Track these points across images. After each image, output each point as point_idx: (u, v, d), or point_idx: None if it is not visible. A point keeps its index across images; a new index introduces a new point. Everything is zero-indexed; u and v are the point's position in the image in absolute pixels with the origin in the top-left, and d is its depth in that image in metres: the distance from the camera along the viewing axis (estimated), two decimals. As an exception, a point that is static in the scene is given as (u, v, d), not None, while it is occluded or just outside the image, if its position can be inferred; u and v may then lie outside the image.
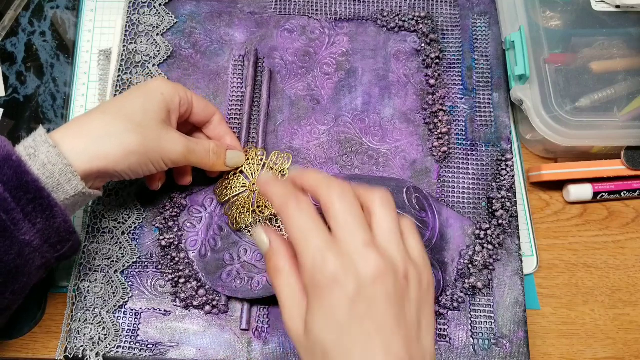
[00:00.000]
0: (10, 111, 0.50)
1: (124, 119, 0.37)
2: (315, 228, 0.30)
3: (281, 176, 0.42)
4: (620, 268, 0.48)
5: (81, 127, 0.37)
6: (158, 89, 0.39)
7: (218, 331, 0.42)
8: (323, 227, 0.30)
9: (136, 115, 0.38)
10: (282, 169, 0.42)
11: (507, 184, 0.46)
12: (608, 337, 0.46)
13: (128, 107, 0.38)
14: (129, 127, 0.37)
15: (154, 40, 0.50)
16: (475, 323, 0.43)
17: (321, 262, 0.28)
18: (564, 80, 0.48)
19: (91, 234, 0.44)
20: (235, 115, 0.48)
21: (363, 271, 0.28)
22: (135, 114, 0.38)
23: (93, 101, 0.51)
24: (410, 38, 0.52)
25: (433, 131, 0.48)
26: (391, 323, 0.28)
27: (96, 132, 0.36)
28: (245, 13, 0.52)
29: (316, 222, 0.30)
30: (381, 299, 0.28)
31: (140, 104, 0.38)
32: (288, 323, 0.30)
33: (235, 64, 0.50)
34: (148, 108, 0.38)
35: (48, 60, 0.52)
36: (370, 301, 0.28)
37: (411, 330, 0.29)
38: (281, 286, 0.31)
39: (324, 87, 0.50)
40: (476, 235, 0.45)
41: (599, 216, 0.50)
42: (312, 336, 0.29)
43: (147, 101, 0.39)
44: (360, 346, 0.28)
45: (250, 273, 0.42)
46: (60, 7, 0.54)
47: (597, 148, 0.49)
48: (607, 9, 0.51)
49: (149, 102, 0.39)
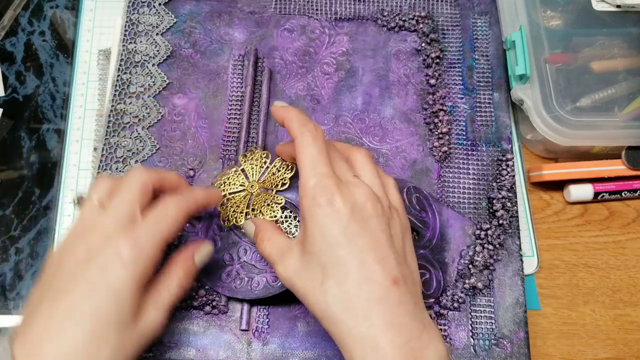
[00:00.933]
0: (9, 111, 0.50)
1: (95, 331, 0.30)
2: (324, 159, 0.33)
3: (281, 185, 0.41)
4: (621, 268, 0.48)
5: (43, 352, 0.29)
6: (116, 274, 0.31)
7: (218, 331, 0.42)
8: (329, 161, 0.33)
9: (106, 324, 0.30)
10: (284, 177, 0.42)
11: (508, 184, 0.46)
12: (609, 338, 0.46)
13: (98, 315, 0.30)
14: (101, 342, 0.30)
15: (154, 40, 0.50)
16: (475, 323, 0.43)
17: (322, 185, 0.32)
18: (564, 80, 0.48)
19: (91, 234, 0.43)
20: (235, 115, 0.48)
21: (357, 195, 0.32)
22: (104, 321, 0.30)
23: (92, 101, 0.51)
24: (410, 38, 0.51)
25: (433, 131, 0.48)
26: (384, 241, 0.31)
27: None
28: (245, 12, 0.52)
29: (325, 154, 0.33)
30: (374, 219, 0.32)
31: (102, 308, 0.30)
32: (285, 274, 0.33)
33: (235, 64, 0.50)
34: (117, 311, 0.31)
35: (47, 60, 0.52)
36: (364, 221, 0.31)
37: (399, 252, 0.32)
38: (269, 250, 0.35)
39: (324, 87, 0.50)
40: (476, 236, 0.45)
41: (600, 216, 0.50)
42: (310, 257, 0.32)
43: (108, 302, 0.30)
44: (358, 259, 0.30)
45: (250, 273, 0.42)
46: (59, 6, 0.54)
47: (597, 148, 0.49)
48: (607, 9, 0.50)
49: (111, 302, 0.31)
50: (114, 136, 0.46)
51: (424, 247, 0.43)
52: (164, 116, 0.48)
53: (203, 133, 0.47)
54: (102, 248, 0.31)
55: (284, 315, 0.42)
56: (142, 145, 0.46)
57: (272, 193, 0.42)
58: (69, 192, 0.47)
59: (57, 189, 0.47)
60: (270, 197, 0.41)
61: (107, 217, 0.32)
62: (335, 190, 0.31)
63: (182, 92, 0.49)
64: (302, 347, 0.42)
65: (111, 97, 0.48)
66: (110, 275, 0.30)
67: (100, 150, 0.46)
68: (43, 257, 0.45)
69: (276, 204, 0.41)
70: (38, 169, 0.48)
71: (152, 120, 0.47)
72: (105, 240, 0.31)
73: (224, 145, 0.47)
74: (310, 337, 0.42)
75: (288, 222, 0.43)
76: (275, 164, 0.42)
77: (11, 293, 0.44)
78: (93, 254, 0.31)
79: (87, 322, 0.30)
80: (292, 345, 0.42)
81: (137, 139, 0.47)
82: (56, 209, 0.47)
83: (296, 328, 0.42)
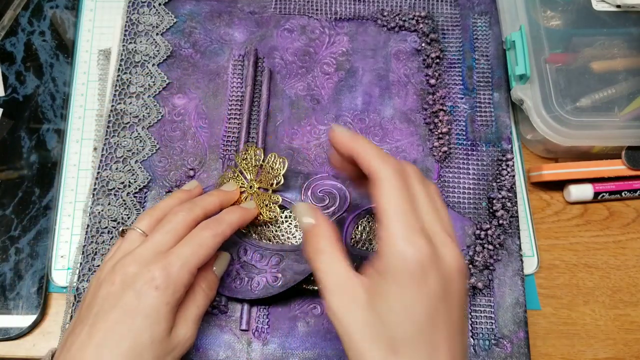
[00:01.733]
0: (9, 111, 0.50)
1: (132, 354, 0.31)
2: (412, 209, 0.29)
3: (276, 183, 0.41)
4: (621, 268, 0.48)
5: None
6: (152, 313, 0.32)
7: (218, 332, 0.42)
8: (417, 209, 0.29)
9: (142, 345, 0.32)
10: (277, 174, 0.42)
11: (508, 184, 0.46)
12: (609, 338, 0.46)
13: (134, 338, 0.32)
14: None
15: (154, 40, 0.50)
16: (475, 323, 0.43)
17: (418, 254, 0.27)
18: (564, 80, 0.48)
19: (90, 235, 0.43)
20: (235, 115, 0.48)
21: (448, 266, 0.28)
22: (141, 343, 0.32)
23: (92, 101, 0.51)
24: (410, 38, 0.51)
25: (433, 131, 0.48)
26: (459, 330, 0.29)
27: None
28: (245, 12, 0.52)
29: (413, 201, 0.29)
30: (458, 297, 0.28)
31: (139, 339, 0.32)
32: (338, 311, 0.29)
33: (235, 64, 0.50)
34: (152, 333, 0.32)
35: (47, 60, 0.52)
36: (450, 300, 0.28)
37: (465, 335, 0.30)
38: (325, 270, 0.30)
39: (324, 87, 0.49)
40: (477, 236, 0.45)
41: (600, 216, 0.50)
42: (379, 319, 0.28)
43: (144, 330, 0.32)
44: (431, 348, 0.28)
45: (250, 273, 0.42)
46: (59, 6, 0.54)
47: (597, 148, 0.49)
48: (607, 9, 0.50)
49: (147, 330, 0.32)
50: (114, 136, 0.46)
51: (424, 247, 0.43)
52: (164, 116, 0.48)
53: (203, 133, 0.47)
54: (138, 275, 0.33)
55: (284, 315, 0.42)
56: (142, 145, 0.46)
57: (269, 193, 0.42)
58: (69, 192, 0.47)
59: (57, 189, 0.47)
60: (267, 197, 0.41)
61: (145, 248, 0.34)
62: (430, 262, 0.27)
63: (182, 92, 0.49)
64: (302, 347, 0.42)
65: (111, 97, 0.48)
66: (146, 299, 0.32)
67: (100, 150, 0.46)
68: (43, 257, 0.45)
69: (274, 204, 0.41)
70: (38, 169, 0.48)
71: (152, 120, 0.47)
72: (141, 267, 0.33)
73: (224, 145, 0.47)
74: (310, 337, 0.42)
75: (288, 222, 0.43)
76: (268, 160, 0.42)
77: (11, 293, 0.44)
78: (129, 281, 0.33)
79: (126, 343, 0.31)
80: (292, 345, 0.42)
81: (137, 139, 0.47)
82: (56, 209, 0.47)
83: (296, 328, 0.42)
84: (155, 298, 0.32)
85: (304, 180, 0.43)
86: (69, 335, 0.33)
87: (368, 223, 0.44)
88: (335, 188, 0.43)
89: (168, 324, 0.33)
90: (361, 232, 0.43)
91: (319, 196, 0.43)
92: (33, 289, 0.44)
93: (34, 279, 0.44)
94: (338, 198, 0.43)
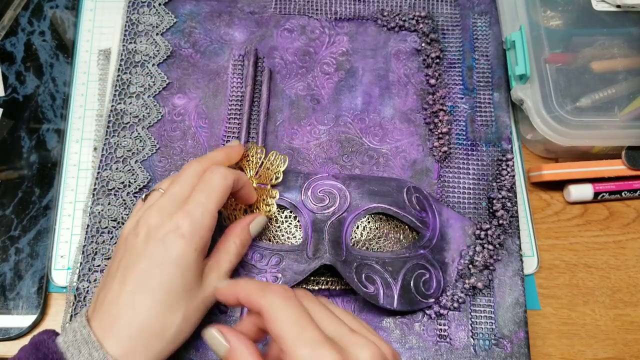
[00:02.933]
0: (9, 111, 0.50)
1: (165, 299, 0.33)
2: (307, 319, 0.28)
3: (275, 178, 0.42)
4: (621, 268, 0.48)
5: (120, 321, 0.32)
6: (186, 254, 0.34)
7: (218, 331, 0.42)
8: (312, 319, 0.29)
9: (175, 291, 0.33)
10: (277, 171, 0.42)
11: (508, 184, 0.46)
12: (609, 338, 0.46)
13: (166, 284, 0.33)
14: (172, 308, 0.33)
15: (154, 40, 0.50)
16: (475, 323, 0.43)
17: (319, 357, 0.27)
18: (564, 80, 0.48)
19: (90, 235, 0.43)
20: (235, 115, 0.48)
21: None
22: (173, 289, 0.33)
23: (92, 101, 0.51)
24: (410, 38, 0.51)
25: (433, 131, 0.48)
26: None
27: (144, 330, 0.32)
28: (245, 12, 0.52)
29: (307, 313, 0.29)
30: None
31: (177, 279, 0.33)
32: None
33: (235, 64, 0.50)
34: (183, 279, 0.33)
35: (47, 60, 0.52)
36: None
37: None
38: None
39: (324, 87, 0.49)
40: (477, 236, 0.45)
41: (600, 216, 0.50)
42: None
43: (183, 272, 0.34)
44: None
45: (250, 273, 0.42)
46: (59, 6, 0.54)
47: (597, 148, 0.49)
48: (607, 9, 0.50)
49: (184, 272, 0.34)
50: (114, 136, 0.46)
51: (424, 247, 0.43)
52: (164, 116, 0.48)
53: (203, 133, 0.47)
54: (162, 225, 0.34)
55: (284, 315, 0.42)
56: (142, 145, 0.46)
57: (267, 188, 0.42)
58: (69, 192, 0.47)
59: (57, 189, 0.47)
60: (265, 192, 0.42)
61: (166, 199, 0.35)
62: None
63: (182, 92, 0.49)
64: (302, 347, 0.42)
65: (111, 97, 0.48)
66: (172, 247, 0.33)
67: (100, 150, 0.46)
68: (43, 257, 0.45)
69: (271, 198, 0.41)
70: (38, 169, 0.48)
71: (152, 120, 0.47)
72: (164, 217, 0.34)
73: (223, 145, 0.47)
74: (310, 337, 0.42)
75: (288, 222, 0.43)
76: (269, 157, 0.43)
77: (11, 293, 0.44)
78: (153, 232, 0.34)
79: (157, 292, 0.32)
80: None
81: (137, 139, 0.47)
82: (56, 209, 0.47)
83: (296, 328, 0.42)
84: (182, 245, 0.33)
85: (304, 180, 0.43)
86: (100, 291, 0.34)
87: (368, 223, 0.44)
88: (335, 188, 0.43)
89: (198, 270, 0.34)
90: (361, 232, 0.43)
91: (319, 196, 0.43)
92: (33, 289, 0.44)
93: (34, 279, 0.44)
94: (338, 198, 0.43)
